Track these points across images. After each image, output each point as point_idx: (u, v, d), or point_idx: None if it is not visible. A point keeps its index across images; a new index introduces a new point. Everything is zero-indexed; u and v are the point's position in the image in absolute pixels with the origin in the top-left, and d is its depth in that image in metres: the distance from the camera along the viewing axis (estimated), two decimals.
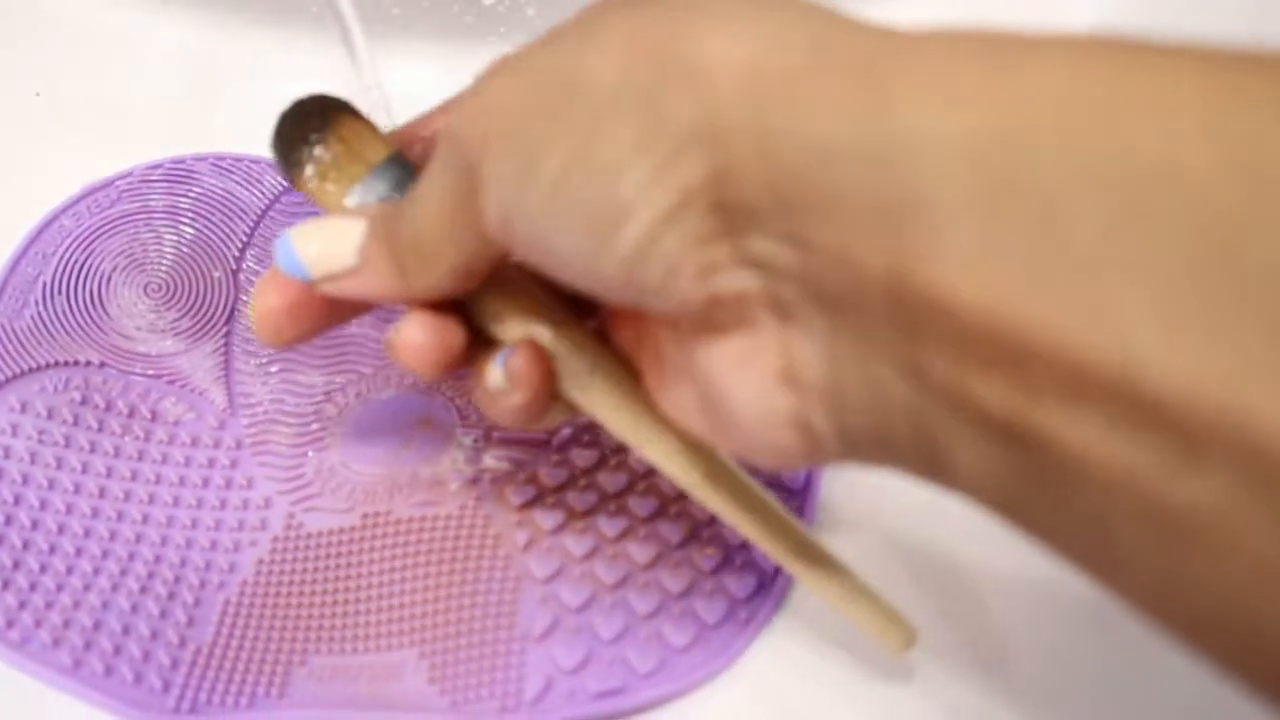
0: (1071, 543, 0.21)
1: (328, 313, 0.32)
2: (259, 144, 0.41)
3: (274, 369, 0.38)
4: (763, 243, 0.22)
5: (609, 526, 0.34)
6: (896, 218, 0.20)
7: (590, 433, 0.36)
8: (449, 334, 0.29)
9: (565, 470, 0.35)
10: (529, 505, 0.35)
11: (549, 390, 0.29)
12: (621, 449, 0.35)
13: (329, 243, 0.30)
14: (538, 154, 0.24)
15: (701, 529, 0.34)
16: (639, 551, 0.34)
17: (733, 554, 0.33)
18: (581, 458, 0.36)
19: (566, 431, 0.36)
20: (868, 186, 0.20)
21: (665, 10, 0.23)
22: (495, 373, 0.29)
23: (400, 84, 0.42)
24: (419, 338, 0.29)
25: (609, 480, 0.35)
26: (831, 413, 0.23)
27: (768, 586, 0.33)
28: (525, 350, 0.29)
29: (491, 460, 0.36)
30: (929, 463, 0.22)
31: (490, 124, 0.25)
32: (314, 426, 0.37)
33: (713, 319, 0.24)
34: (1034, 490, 0.20)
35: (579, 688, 0.31)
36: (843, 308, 0.22)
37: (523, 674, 0.32)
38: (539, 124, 0.24)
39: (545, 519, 0.34)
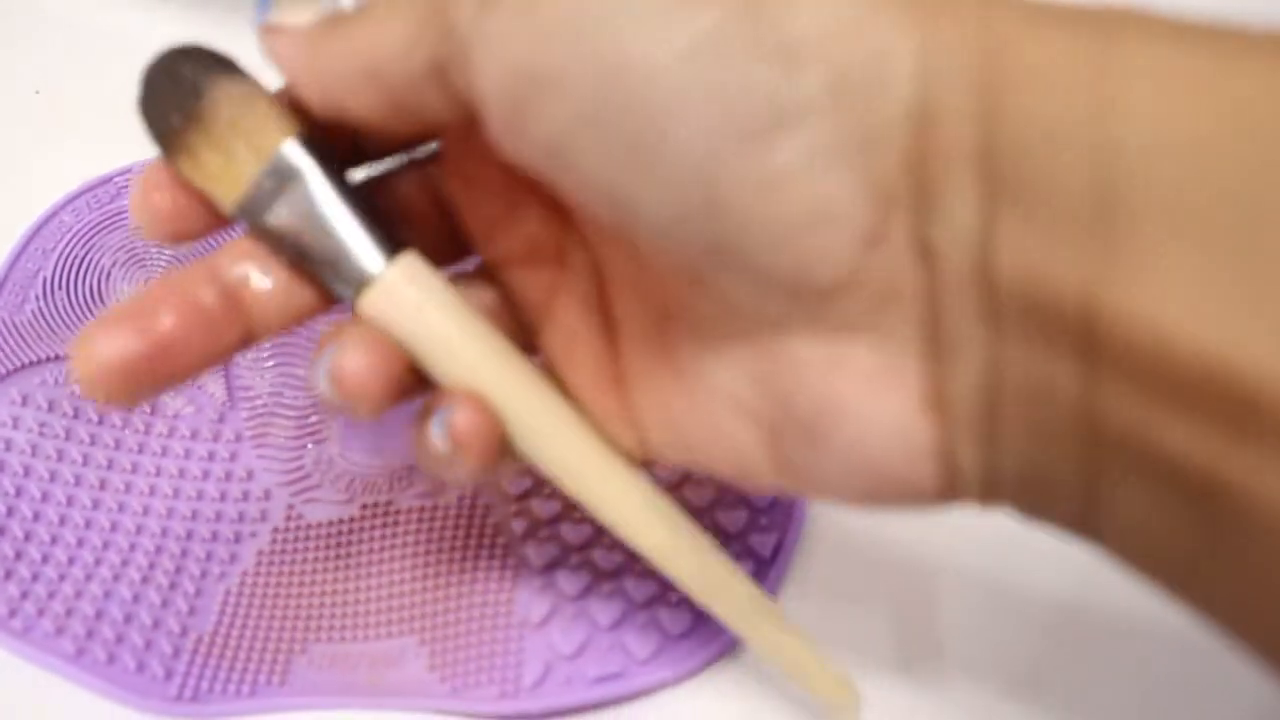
0: (1248, 613, 0.18)
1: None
2: None
3: (271, 363, 0.38)
4: (947, 228, 0.18)
5: None
6: (1105, 227, 0.17)
7: None
8: (394, 359, 0.24)
9: None
10: (526, 496, 0.35)
11: (498, 453, 0.24)
12: None
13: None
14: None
15: (698, 516, 0.34)
16: None
17: (729, 543, 0.34)
18: None
19: None
20: (1083, 183, 0.17)
21: None
22: (435, 436, 0.25)
23: None
24: (360, 363, 0.24)
25: None
26: (982, 449, 0.20)
27: (764, 574, 0.33)
28: (469, 408, 0.24)
29: None
30: (1083, 514, 0.19)
31: None
32: (312, 419, 0.37)
33: (830, 310, 0.20)
34: (1216, 550, 0.17)
35: (577, 673, 0.32)
36: (1016, 325, 0.18)
37: (521, 660, 0.32)
38: None
39: (543, 509, 0.35)
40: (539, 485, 0.35)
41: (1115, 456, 0.18)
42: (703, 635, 0.32)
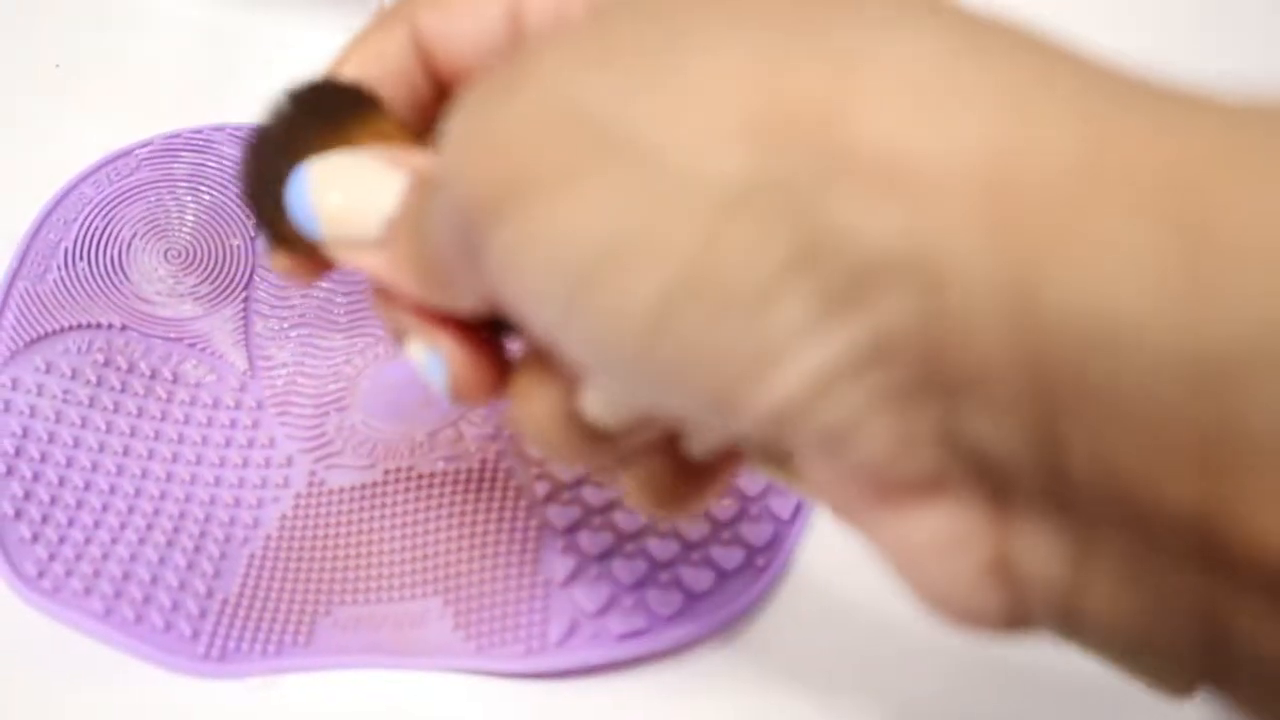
0: None
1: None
2: None
3: (293, 333, 0.39)
4: (988, 426, 0.15)
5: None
6: (1214, 445, 0.14)
7: None
8: (493, 363, 0.23)
9: None
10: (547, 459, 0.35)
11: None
12: None
13: (356, 196, 0.22)
14: (610, 268, 0.17)
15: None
16: None
17: (749, 504, 0.34)
18: None
19: None
20: (1179, 399, 0.14)
21: (799, 38, 0.16)
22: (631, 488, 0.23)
23: None
24: (472, 376, 0.23)
25: None
26: (1062, 611, 0.17)
27: (783, 535, 0.34)
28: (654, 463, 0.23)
29: (508, 413, 0.36)
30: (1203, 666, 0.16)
31: (512, 190, 0.17)
32: (333, 387, 0.38)
33: (888, 485, 0.17)
34: None
35: (602, 629, 0.32)
36: (1108, 525, 0.16)
37: (547, 617, 0.32)
38: (607, 215, 0.16)
39: (565, 472, 0.35)
40: None
41: (1246, 644, 0.15)
42: (726, 593, 0.33)
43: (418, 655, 0.32)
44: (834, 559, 0.34)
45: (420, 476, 0.35)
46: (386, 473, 0.36)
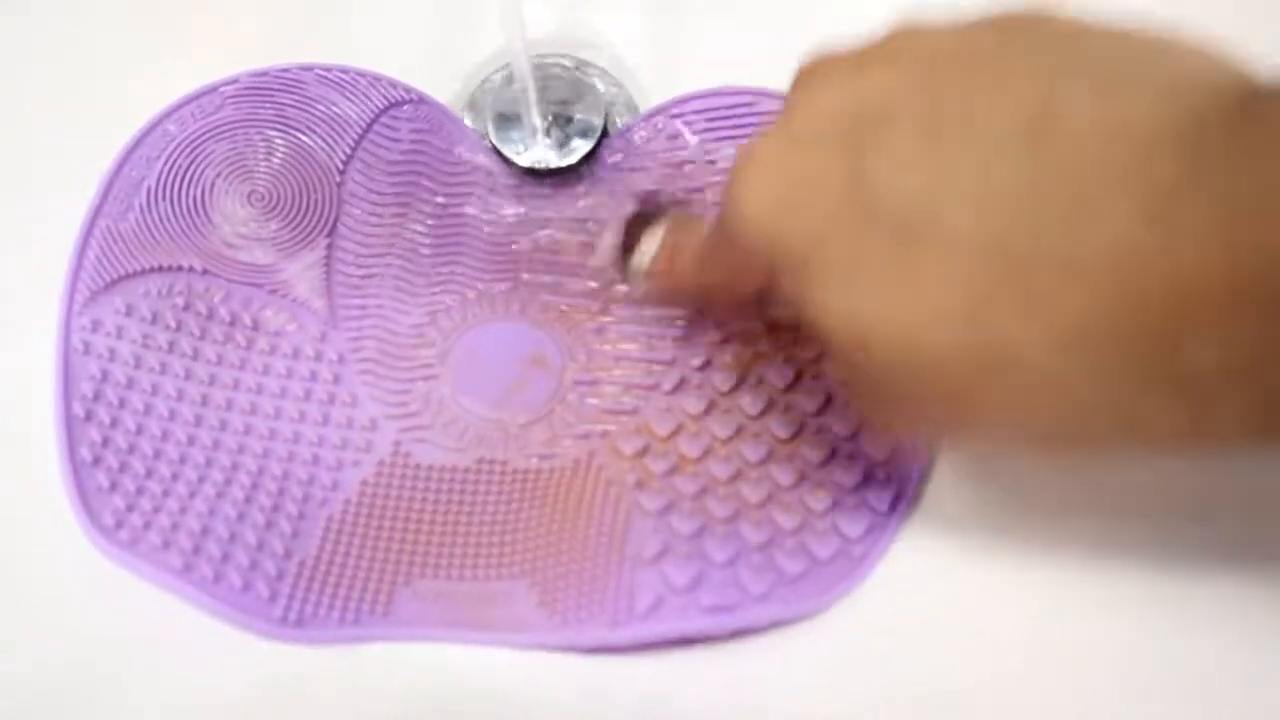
0: None
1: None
2: (365, 56, 0.41)
3: (376, 283, 0.38)
4: None
5: (720, 469, 0.34)
6: None
7: (700, 375, 0.35)
8: None
9: (675, 418, 0.35)
10: (640, 454, 0.34)
11: None
12: (732, 392, 0.35)
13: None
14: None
15: (812, 472, 0.34)
16: (751, 492, 0.33)
17: (844, 497, 0.33)
18: (691, 404, 0.35)
19: (676, 377, 0.36)
20: None
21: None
22: None
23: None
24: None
25: (719, 425, 0.35)
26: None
27: (881, 527, 0.32)
28: None
29: (601, 409, 0.36)
30: None
31: (830, 258, 0.25)
32: (421, 352, 0.37)
33: None
34: None
35: (691, 603, 0.31)
36: None
37: (634, 591, 0.31)
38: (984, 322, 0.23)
39: (657, 464, 0.34)
40: (652, 444, 0.35)
41: None
42: (818, 581, 0.32)
43: (499, 630, 0.31)
44: (935, 547, 0.33)
45: (514, 472, 0.34)
46: (479, 461, 0.35)
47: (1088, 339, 0.21)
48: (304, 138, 0.40)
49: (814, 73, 0.27)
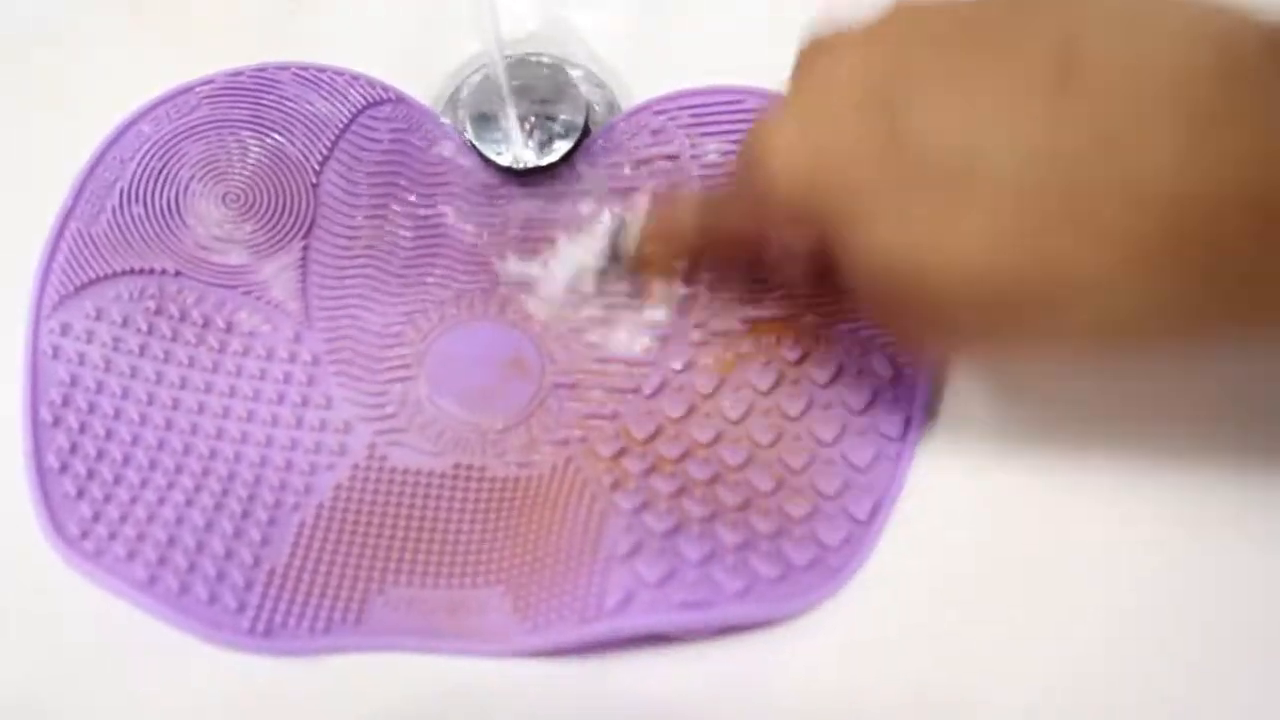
0: None
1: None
2: (344, 55, 0.40)
3: (353, 284, 0.37)
4: None
5: (699, 471, 0.33)
6: None
7: (681, 378, 0.35)
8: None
9: (654, 421, 0.34)
10: (618, 456, 0.34)
11: None
12: (713, 395, 0.34)
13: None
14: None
15: (791, 478, 0.33)
16: (729, 495, 0.33)
17: (823, 504, 0.32)
18: (671, 407, 0.34)
19: (657, 380, 0.35)
20: None
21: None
22: None
23: None
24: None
25: (699, 429, 0.34)
26: None
27: (859, 537, 0.32)
28: None
29: (581, 413, 0.35)
30: None
31: (879, 205, 0.26)
32: (396, 352, 0.36)
33: None
34: None
35: (662, 598, 0.31)
36: None
37: (605, 589, 0.31)
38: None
39: (634, 464, 0.33)
40: (630, 447, 0.34)
41: None
42: (793, 586, 0.31)
43: (473, 639, 0.31)
44: (910, 561, 0.32)
45: (493, 479, 0.34)
46: (457, 466, 0.34)
47: (1142, 251, 0.24)
48: (280, 138, 0.39)
49: (821, 49, 0.29)
